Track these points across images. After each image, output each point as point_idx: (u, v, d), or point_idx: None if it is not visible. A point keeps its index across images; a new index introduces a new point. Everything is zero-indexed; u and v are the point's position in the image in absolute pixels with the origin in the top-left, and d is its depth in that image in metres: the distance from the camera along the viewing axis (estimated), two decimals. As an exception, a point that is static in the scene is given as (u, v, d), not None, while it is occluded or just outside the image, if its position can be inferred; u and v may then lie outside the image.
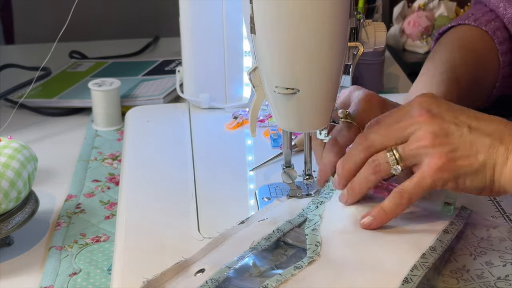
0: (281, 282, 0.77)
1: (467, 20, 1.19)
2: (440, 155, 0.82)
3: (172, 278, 0.81)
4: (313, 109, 0.88)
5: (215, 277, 0.78)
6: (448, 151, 0.82)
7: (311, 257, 0.81)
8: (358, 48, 0.88)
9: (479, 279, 0.80)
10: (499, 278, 0.80)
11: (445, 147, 0.82)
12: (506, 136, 0.83)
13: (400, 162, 0.84)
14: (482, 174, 0.83)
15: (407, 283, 0.76)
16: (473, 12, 1.21)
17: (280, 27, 0.83)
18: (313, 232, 0.86)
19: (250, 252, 0.83)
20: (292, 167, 0.96)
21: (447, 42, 1.19)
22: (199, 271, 0.81)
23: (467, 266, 0.82)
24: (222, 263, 0.81)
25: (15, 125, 1.29)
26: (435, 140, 0.83)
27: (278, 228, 0.87)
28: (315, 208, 0.91)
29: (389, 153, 0.85)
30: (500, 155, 0.82)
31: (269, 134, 1.14)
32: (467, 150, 0.82)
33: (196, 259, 0.84)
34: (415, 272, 0.77)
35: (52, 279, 0.95)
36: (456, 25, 1.21)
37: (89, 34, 1.95)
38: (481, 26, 1.17)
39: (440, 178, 0.83)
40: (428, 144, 0.83)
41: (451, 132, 0.83)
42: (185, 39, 1.23)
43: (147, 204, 0.99)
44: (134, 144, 1.16)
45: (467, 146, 0.83)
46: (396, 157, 0.84)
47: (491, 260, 0.82)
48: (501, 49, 1.17)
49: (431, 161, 0.83)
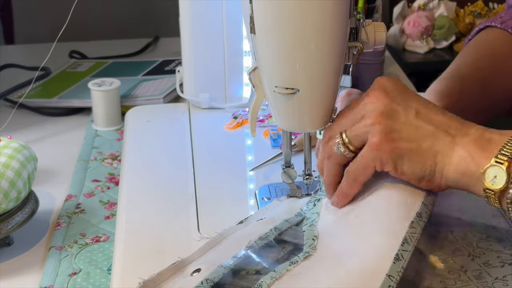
0: (276, 278, 0.77)
1: (493, 22, 1.19)
2: (380, 134, 0.82)
3: (169, 278, 0.81)
4: (313, 109, 0.88)
5: (210, 278, 0.78)
6: (389, 131, 0.82)
7: (307, 252, 0.82)
8: (358, 48, 0.88)
9: (476, 280, 0.80)
10: (497, 278, 0.80)
11: (387, 126, 0.82)
12: (453, 129, 0.81)
13: (349, 144, 0.84)
14: (422, 161, 0.82)
15: (398, 261, 0.76)
16: (501, 15, 1.20)
17: (280, 27, 0.83)
18: (310, 228, 0.86)
19: (247, 251, 0.83)
20: (292, 167, 0.96)
21: (468, 45, 1.18)
22: (195, 270, 0.81)
23: (465, 266, 0.82)
24: (218, 263, 0.81)
25: (15, 125, 1.29)
26: (379, 118, 0.82)
27: (276, 227, 0.87)
28: (313, 206, 0.91)
29: (336, 136, 0.85)
30: (444, 145, 0.81)
31: (269, 134, 1.14)
32: (410, 133, 0.82)
33: (193, 259, 0.84)
34: (405, 246, 0.77)
35: (52, 279, 0.95)
36: (483, 27, 1.21)
37: (89, 34, 1.95)
38: (507, 29, 1.17)
39: (377, 157, 0.82)
40: (371, 122, 0.82)
41: (397, 113, 0.82)
42: (185, 39, 1.23)
43: (147, 204, 0.99)
44: (134, 144, 1.16)
45: (410, 130, 0.82)
46: (343, 139, 0.84)
47: (489, 260, 0.82)
48: None
49: (371, 140, 0.82)
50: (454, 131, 0.81)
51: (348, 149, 0.85)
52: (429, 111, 0.83)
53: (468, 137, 0.81)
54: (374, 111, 0.83)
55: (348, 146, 0.85)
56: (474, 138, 0.80)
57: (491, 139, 0.80)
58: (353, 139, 0.84)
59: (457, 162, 0.80)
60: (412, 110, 0.83)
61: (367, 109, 0.83)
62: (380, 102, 0.83)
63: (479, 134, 0.81)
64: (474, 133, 0.81)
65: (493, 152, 0.78)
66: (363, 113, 0.84)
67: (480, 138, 0.80)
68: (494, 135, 0.80)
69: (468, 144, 0.80)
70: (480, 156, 0.79)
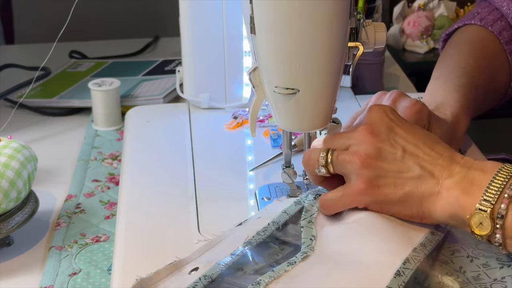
0: (274, 278, 0.77)
1: (473, 20, 1.19)
2: (364, 179, 0.82)
3: (166, 277, 0.81)
4: (313, 109, 0.88)
5: (208, 274, 0.78)
6: (373, 176, 0.82)
7: (305, 253, 0.81)
8: (358, 48, 0.88)
9: (475, 281, 0.80)
10: (495, 280, 0.80)
11: (372, 170, 0.82)
12: (439, 167, 0.81)
13: (329, 166, 0.84)
14: (406, 204, 0.82)
15: (399, 276, 0.76)
16: (478, 11, 1.20)
17: (280, 27, 0.83)
18: (309, 225, 0.86)
19: (244, 247, 0.83)
20: (292, 167, 0.96)
21: (457, 44, 1.18)
22: (193, 269, 0.81)
23: (464, 267, 0.82)
24: (216, 261, 0.81)
25: (15, 125, 1.29)
26: (366, 160, 0.82)
27: (274, 220, 0.87)
28: (313, 199, 0.90)
29: (323, 153, 0.85)
30: (428, 189, 0.81)
31: (269, 134, 1.14)
32: (394, 177, 0.82)
33: (191, 259, 0.84)
34: (407, 265, 0.78)
35: (52, 279, 0.95)
36: (462, 25, 1.21)
37: (89, 34, 1.96)
38: (487, 27, 1.17)
39: (361, 200, 0.83)
40: (358, 163, 0.82)
41: (383, 154, 0.82)
42: (185, 39, 1.23)
43: (147, 204, 0.99)
44: (134, 144, 1.16)
45: (395, 173, 0.82)
46: (327, 159, 0.84)
47: (488, 262, 0.82)
48: (508, 49, 1.16)
49: (355, 183, 0.83)
50: (439, 170, 0.81)
51: (328, 171, 0.85)
52: (416, 148, 0.82)
53: (452, 178, 0.80)
54: (360, 149, 0.82)
55: (329, 168, 0.85)
56: (458, 179, 0.80)
57: (473, 180, 0.79)
58: (336, 166, 0.84)
59: (443, 206, 0.80)
60: (399, 148, 0.82)
61: (354, 143, 0.83)
62: (366, 141, 0.83)
63: (463, 175, 0.80)
64: (459, 173, 0.80)
65: (477, 197, 0.78)
66: (349, 142, 0.84)
67: (463, 179, 0.80)
68: (477, 174, 0.79)
69: (452, 188, 0.80)
70: (464, 202, 0.79)
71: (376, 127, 0.83)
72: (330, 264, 0.79)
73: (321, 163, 0.84)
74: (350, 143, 0.84)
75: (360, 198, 0.83)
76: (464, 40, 1.18)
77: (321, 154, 0.85)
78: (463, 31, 1.20)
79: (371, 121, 0.84)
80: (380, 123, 0.84)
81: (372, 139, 0.82)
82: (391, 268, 0.77)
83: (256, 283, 0.77)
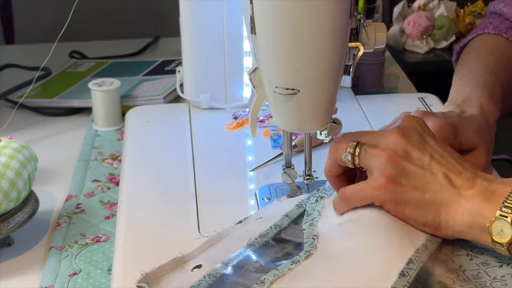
0: (278, 276, 0.78)
1: (486, 29, 1.19)
2: (387, 174, 0.82)
3: (169, 272, 0.81)
4: (313, 109, 0.88)
5: (212, 273, 0.79)
6: (396, 174, 0.82)
7: (308, 251, 0.82)
8: (358, 49, 0.88)
9: (475, 279, 0.80)
10: (495, 278, 0.80)
11: (396, 168, 0.82)
12: (461, 179, 0.82)
13: (355, 157, 0.85)
14: (424, 211, 0.82)
15: (403, 277, 0.76)
16: (490, 21, 1.21)
17: (281, 28, 0.83)
18: (310, 227, 0.86)
19: (248, 249, 0.83)
20: (292, 168, 0.96)
21: (475, 50, 1.18)
22: (196, 266, 0.81)
23: (464, 266, 0.82)
24: (219, 260, 0.81)
25: (15, 125, 1.29)
26: (393, 157, 0.82)
27: (275, 224, 0.87)
28: (315, 202, 0.90)
29: (353, 143, 0.85)
30: (449, 197, 0.81)
31: (269, 135, 1.14)
32: (416, 180, 0.82)
33: (193, 255, 0.84)
34: (411, 265, 0.78)
35: (52, 279, 0.95)
36: (476, 36, 1.21)
37: (89, 34, 1.96)
38: (502, 34, 1.17)
39: (379, 195, 0.83)
40: (385, 157, 0.83)
41: (411, 156, 0.83)
42: (185, 39, 1.23)
43: (147, 204, 0.99)
44: (134, 144, 1.16)
45: (418, 177, 0.82)
46: (355, 150, 0.84)
47: (488, 260, 0.82)
48: None
49: (377, 176, 0.83)
50: (461, 181, 0.82)
51: (353, 161, 0.85)
52: (442, 158, 0.83)
53: (473, 189, 0.81)
54: (390, 147, 0.83)
55: (355, 159, 0.85)
56: (479, 190, 0.81)
57: (495, 191, 0.80)
58: (361, 159, 0.84)
59: (463, 215, 0.81)
60: (427, 154, 0.83)
61: (386, 142, 0.84)
62: (398, 142, 0.83)
63: (485, 187, 0.81)
64: (480, 184, 0.81)
65: (497, 204, 0.79)
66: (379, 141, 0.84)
67: (485, 190, 0.80)
68: (499, 186, 0.80)
69: (473, 197, 0.80)
70: (485, 210, 0.79)
71: (408, 131, 0.84)
72: (334, 261, 0.79)
73: (349, 150, 0.85)
74: (380, 141, 0.84)
75: (378, 193, 0.83)
76: (481, 46, 1.18)
77: (350, 144, 0.85)
78: (478, 40, 1.21)
79: (404, 126, 0.85)
80: (413, 129, 0.85)
81: (402, 141, 0.83)
82: (395, 269, 0.77)
83: (261, 282, 0.77)
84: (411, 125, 0.85)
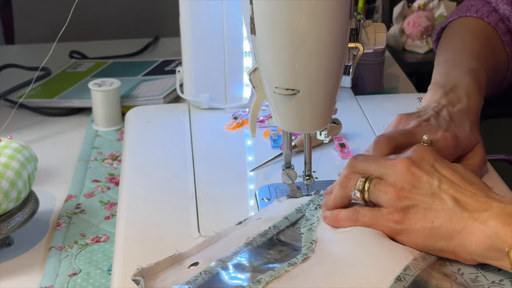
0: (275, 277, 0.78)
1: (468, 12, 1.19)
2: (397, 209, 0.83)
3: (166, 269, 0.82)
4: (313, 110, 0.88)
5: (208, 269, 0.79)
6: (405, 207, 0.83)
7: (305, 254, 0.82)
8: (358, 49, 0.88)
9: (473, 283, 0.80)
10: (493, 282, 0.80)
11: (405, 201, 0.83)
12: (474, 202, 0.81)
13: (365, 192, 0.85)
14: (434, 238, 0.82)
15: (399, 281, 0.76)
16: (471, 4, 1.21)
17: (281, 28, 0.83)
18: (308, 232, 0.87)
19: (245, 248, 0.83)
20: (292, 168, 0.96)
21: (458, 31, 1.18)
22: (193, 264, 0.81)
23: (462, 269, 0.82)
24: (217, 258, 0.82)
25: (15, 125, 1.29)
26: (400, 192, 0.83)
27: (275, 225, 0.87)
28: (314, 209, 0.91)
29: (362, 179, 0.85)
30: (461, 222, 0.81)
31: (269, 135, 1.14)
32: (425, 210, 0.82)
33: (191, 253, 0.84)
34: (408, 271, 0.78)
35: (52, 279, 0.95)
36: (457, 17, 1.21)
37: (89, 34, 1.95)
38: (484, 18, 1.18)
39: (390, 228, 0.84)
40: (392, 194, 0.83)
41: (418, 185, 0.83)
42: (185, 39, 1.23)
43: (147, 204, 0.99)
44: (134, 144, 1.16)
45: (427, 206, 0.82)
46: (365, 187, 0.85)
47: (487, 264, 0.82)
48: (505, 40, 1.17)
49: (388, 213, 0.84)
50: (475, 205, 0.81)
51: (363, 197, 0.86)
52: (452, 182, 0.83)
53: (489, 211, 0.80)
54: (398, 181, 0.83)
55: (364, 194, 0.85)
56: (496, 212, 0.79)
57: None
58: (371, 195, 0.85)
59: (481, 239, 0.79)
60: (436, 179, 0.83)
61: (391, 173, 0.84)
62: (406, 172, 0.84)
63: (501, 209, 0.80)
64: (496, 207, 0.80)
65: None
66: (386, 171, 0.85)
67: (502, 212, 0.79)
68: None
69: (489, 220, 0.79)
70: (505, 233, 0.78)
71: (418, 161, 0.84)
72: (331, 265, 0.80)
73: (358, 187, 0.85)
74: (388, 173, 0.85)
75: (390, 226, 0.84)
76: (464, 29, 1.19)
77: (359, 179, 0.86)
78: (460, 22, 1.21)
79: (414, 156, 0.85)
80: (422, 159, 0.85)
81: (409, 173, 0.83)
82: (392, 274, 0.77)
83: (257, 281, 0.77)
84: (420, 155, 0.85)
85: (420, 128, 0.97)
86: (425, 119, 0.99)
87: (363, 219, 0.85)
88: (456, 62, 1.09)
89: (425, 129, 0.96)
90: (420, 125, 0.97)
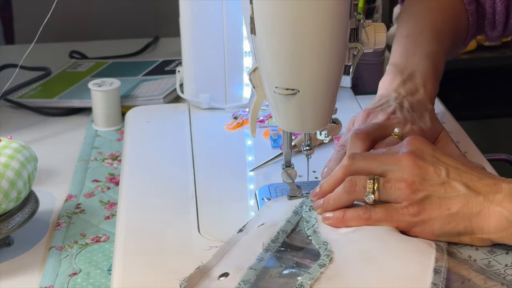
0: (315, 279, 0.78)
1: None
2: (413, 204, 0.84)
3: (198, 282, 0.81)
4: (313, 109, 0.88)
5: (245, 279, 0.79)
6: (421, 200, 0.84)
7: (327, 255, 0.82)
8: (358, 49, 0.88)
9: (488, 268, 0.81)
10: (507, 265, 0.82)
11: (418, 193, 0.84)
12: (484, 186, 0.83)
13: (375, 193, 0.85)
14: (453, 223, 0.83)
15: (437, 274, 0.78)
16: None
17: (280, 28, 0.83)
18: (315, 234, 0.87)
19: (267, 253, 0.83)
20: (292, 167, 0.96)
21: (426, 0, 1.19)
22: (222, 274, 0.81)
23: (473, 256, 0.83)
24: (242, 266, 0.81)
25: (15, 125, 1.29)
26: (411, 186, 0.84)
27: (281, 229, 0.87)
28: (308, 210, 0.91)
29: (370, 180, 0.85)
30: (476, 205, 0.83)
31: (269, 135, 1.14)
32: (439, 198, 0.83)
33: (213, 264, 0.84)
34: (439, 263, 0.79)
35: (52, 279, 0.95)
36: None
37: (89, 34, 1.95)
38: None
39: (408, 222, 0.85)
40: (404, 189, 0.84)
41: (428, 177, 0.84)
42: (185, 39, 1.23)
43: (147, 204, 0.99)
44: (134, 144, 1.16)
45: (440, 195, 0.83)
46: (375, 187, 0.85)
47: (493, 249, 0.84)
48: (470, 10, 1.17)
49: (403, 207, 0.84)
50: (485, 188, 0.83)
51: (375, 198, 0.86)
52: (458, 170, 0.85)
53: (501, 193, 0.82)
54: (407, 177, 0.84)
55: (375, 195, 0.85)
56: (508, 193, 0.82)
57: None
58: (383, 194, 0.85)
59: (499, 219, 0.82)
60: (443, 170, 0.84)
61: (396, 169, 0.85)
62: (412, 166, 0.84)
63: (511, 189, 0.82)
64: (506, 188, 0.82)
65: None
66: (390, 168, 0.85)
67: None
68: None
69: (503, 201, 0.82)
70: None
71: (419, 154, 0.85)
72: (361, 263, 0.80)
73: (369, 190, 0.85)
74: (393, 169, 0.85)
75: (407, 220, 0.84)
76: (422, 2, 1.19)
77: (368, 181, 0.85)
78: None
79: (414, 149, 0.86)
80: (422, 151, 0.86)
81: (416, 165, 0.84)
82: (428, 268, 0.79)
83: (300, 285, 0.77)
84: (419, 147, 0.86)
85: (390, 121, 0.98)
86: (391, 111, 1.00)
87: (376, 216, 0.85)
88: (418, 41, 1.10)
89: (394, 122, 0.98)
90: (389, 118, 0.99)
